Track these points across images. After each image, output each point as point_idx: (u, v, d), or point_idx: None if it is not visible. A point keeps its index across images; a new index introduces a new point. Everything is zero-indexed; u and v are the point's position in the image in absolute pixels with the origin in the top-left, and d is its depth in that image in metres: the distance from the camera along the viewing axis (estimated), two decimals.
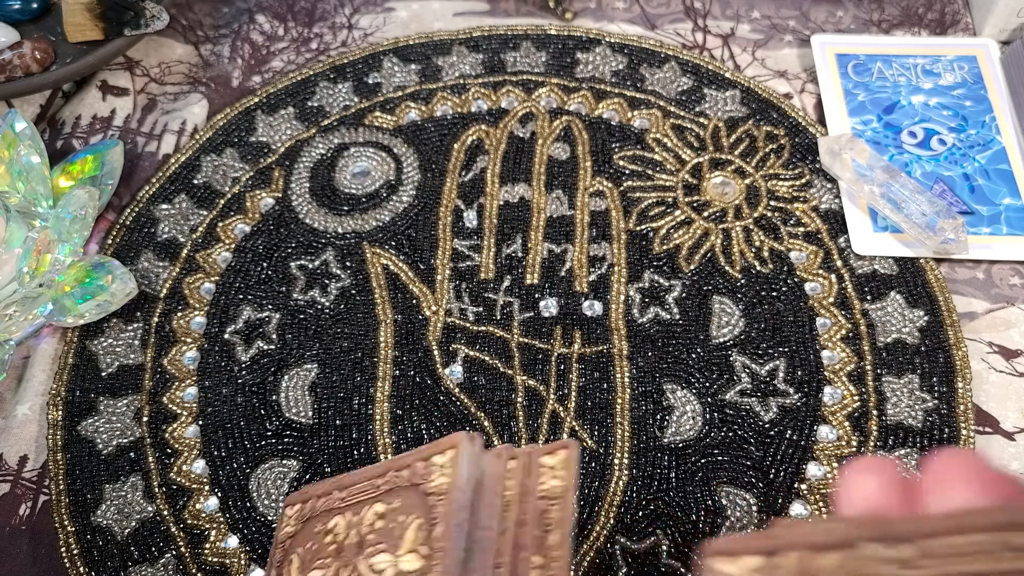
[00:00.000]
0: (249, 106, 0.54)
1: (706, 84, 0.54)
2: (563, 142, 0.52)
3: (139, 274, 0.47)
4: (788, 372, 0.43)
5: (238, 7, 0.60)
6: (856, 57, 0.55)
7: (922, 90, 0.53)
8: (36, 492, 0.42)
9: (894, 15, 0.58)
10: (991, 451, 0.42)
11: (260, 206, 0.50)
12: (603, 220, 0.49)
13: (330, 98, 0.54)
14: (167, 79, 0.56)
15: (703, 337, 0.45)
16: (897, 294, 0.46)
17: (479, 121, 0.53)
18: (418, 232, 0.49)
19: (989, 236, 0.47)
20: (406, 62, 0.56)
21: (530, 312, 0.46)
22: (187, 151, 0.52)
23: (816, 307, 0.45)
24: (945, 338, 0.44)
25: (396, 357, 0.45)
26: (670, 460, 0.41)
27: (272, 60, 0.57)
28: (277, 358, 0.45)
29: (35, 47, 0.52)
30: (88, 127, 0.54)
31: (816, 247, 0.47)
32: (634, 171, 0.51)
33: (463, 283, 0.47)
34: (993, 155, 0.50)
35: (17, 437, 0.43)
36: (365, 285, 0.47)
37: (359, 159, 0.52)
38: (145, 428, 0.43)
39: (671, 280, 0.47)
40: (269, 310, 0.46)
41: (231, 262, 0.48)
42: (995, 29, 0.55)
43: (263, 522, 0.40)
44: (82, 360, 0.45)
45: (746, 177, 0.50)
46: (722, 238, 0.48)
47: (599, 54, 0.55)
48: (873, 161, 0.48)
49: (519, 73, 0.55)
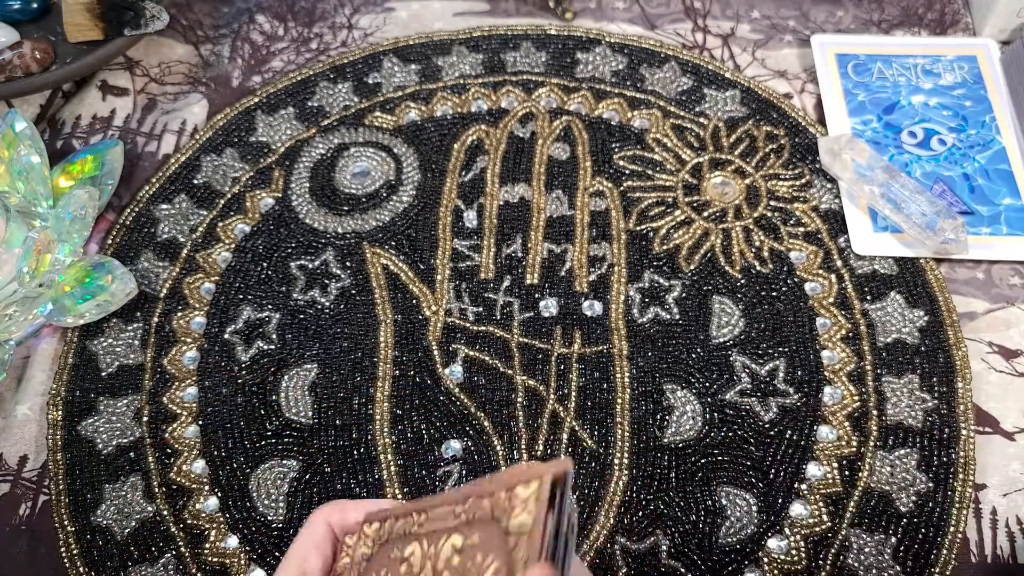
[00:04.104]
0: (249, 106, 0.54)
1: (706, 84, 0.54)
2: (563, 142, 0.52)
3: (139, 274, 0.47)
4: (788, 372, 0.43)
5: (238, 7, 0.60)
6: (856, 57, 0.55)
7: (922, 90, 0.53)
8: (36, 492, 0.42)
9: (894, 15, 0.58)
10: (991, 451, 0.42)
11: (260, 206, 0.50)
12: (603, 220, 0.49)
13: (330, 98, 0.54)
14: (167, 79, 0.56)
15: (703, 337, 0.45)
16: (897, 294, 0.46)
17: (479, 121, 0.53)
18: (418, 232, 0.49)
19: (989, 236, 0.47)
20: (406, 62, 0.56)
21: (530, 312, 0.46)
22: (187, 151, 0.52)
23: (816, 307, 0.45)
24: (945, 338, 0.44)
25: (396, 357, 0.45)
26: (670, 460, 0.41)
27: (272, 60, 0.57)
28: (277, 358, 0.45)
29: (35, 47, 0.52)
30: (88, 127, 0.54)
31: (816, 247, 0.47)
32: (634, 171, 0.51)
33: (463, 283, 0.47)
34: (993, 155, 0.50)
35: (17, 437, 0.43)
36: (365, 285, 0.47)
37: (359, 159, 0.52)
38: (145, 428, 0.43)
39: (671, 280, 0.47)
40: (269, 310, 0.46)
41: (231, 262, 0.48)
42: (995, 29, 0.55)
43: (263, 522, 0.40)
44: (82, 360, 0.45)
45: (746, 177, 0.50)
46: (722, 238, 0.48)
47: (599, 54, 0.55)
48: (873, 161, 0.48)
49: (519, 73, 0.55)
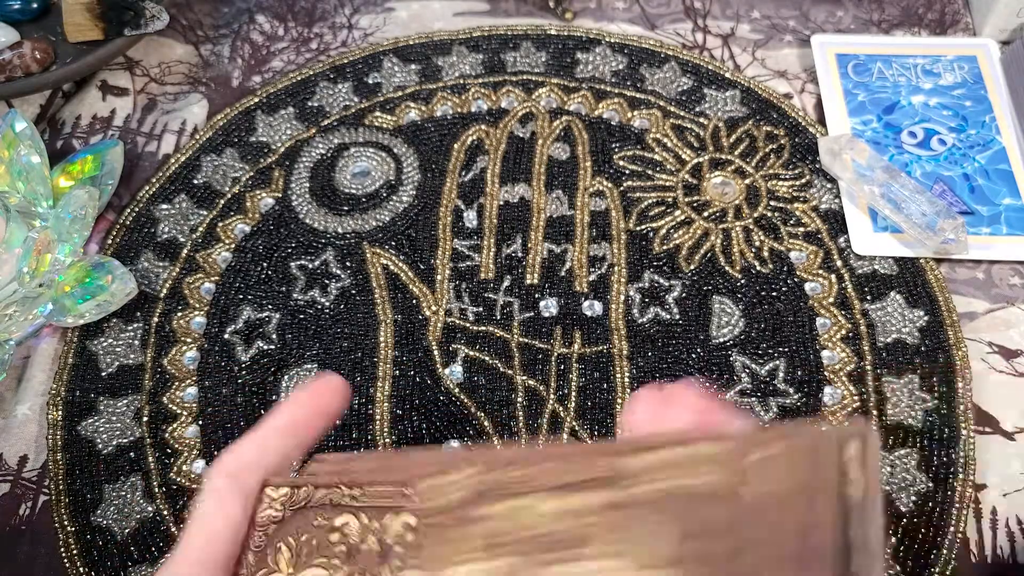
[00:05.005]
0: (249, 106, 0.54)
1: (706, 84, 0.54)
2: (563, 142, 0.52)
3: (139, 274, 0.47)
4: (788, 372, 0.43)
5: (238, 7, 0.60)
6: (856, 57, 0.55)
7: (922, 90, 0.53)
8: (36, 492, 0.42)
9: (894, 15, 0.58)
10: (991, 451, 0.42)
11: (260, 206, 0.50)
12: (603, 220, 0.49)
13: (330, 98, 0.54)
14: (167, 79, 0.56)
15: (703, 337, 0.45)
16: (897, 294, 0.46)
17: (479, 121, 0.53)
18: (418, 232, 0.49)
19: (989, 236, 0.47)
20: (406, 62, 0.56)
21: (530, 312, 0.46)
22: (187, 151, 0.52)
23: (816, 307, 0.45)
24: (945, 338, 0.44)
25: (396, 357, 0.45)
26: None
27: (272, 60, 0.57)
28: (277, 358, 0.45)
29: (35, 47, 0.52)
30: (88, 127, 0.54)
31: (816, 247, 0.47)
32: (634, 171, 0.51)
33: (463, 283, 0.47)
34: (993, 155, 0.50)
35: (17, 437, 0.43)
36: (365, 285, 0.47)
37: (359, 159, 0.52)
38: (145, 428, 0.43)
39: (671, 280, 0.47)
40: (269, 310, 0.46)
41: (231, 262, 0.48)
42: (995, 29, 0.55)
43: None
44: (82, 360, 0.45)
45: (746, 177, 0.50)
46: (722, 238, 0.48)
47: (599, 54, 0.55)
48: (873, 161, 0.48)
49: (519, 73, 0.55)
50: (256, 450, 0.27)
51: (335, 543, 0.25)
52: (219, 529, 0.25)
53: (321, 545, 0.25)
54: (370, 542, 0.24)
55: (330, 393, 0.28)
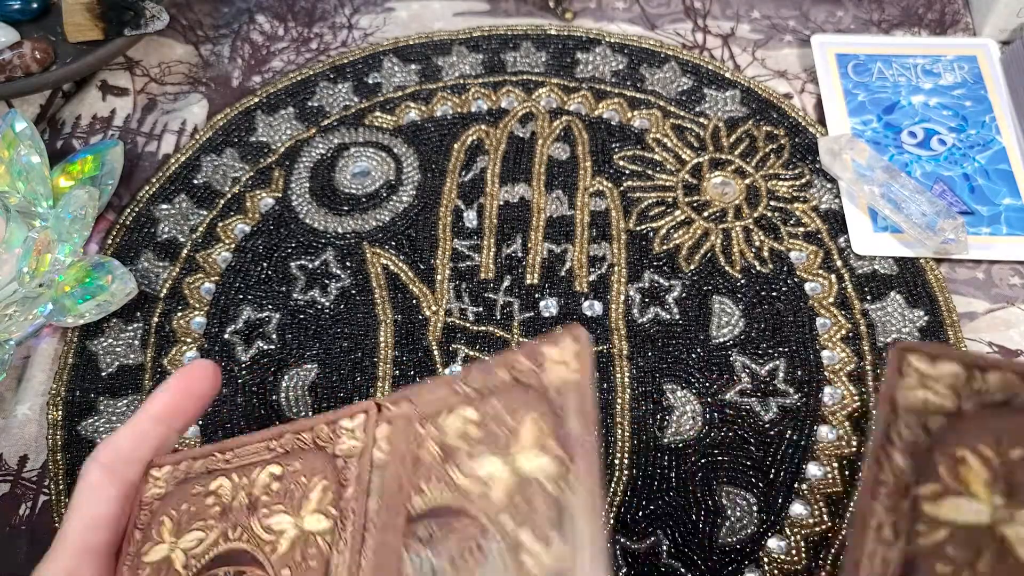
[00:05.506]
0: (249, 106, 0.54)
1: (706, 84, 0.54)
2: (563, 142, 0.52)
3: (139, 274, 0.47)
4: (788, 372, 0.43)
5: (238, 7, 0.60)
6: (856, 57, 0.55)
7: (922, 90, 0.53)
8: (36, 492, 0.42)
9: (894, 15, 0.58)
10: None
11: (260, 206, 0.50)
12: (603, 220, 0.49)
13: (330, 98, 0.54)
14: (167, 79, 0.56)
15: (703, 337, 0.45)
16: (897, 294, 0.46)
17: (479, 121, 0.53)
18: (418, 232, 0.49)
19: (989, 236, 0.47)
20: (406, 62, 0.56)
21: (530, 312, 0.46)
22: (187, 151, 0.52)
23: (816, 307, 0.45)
24: (945, 338, 0.44)
25: (396, 357, 0.45)
26: (670, 460, 0.41)
27: (272, 60, 0.57)
28: (277, 358, 0.45)
29: (35, 47, 0.52)
30: (88, 127, 0.54)
31: (816, 247, 0.47)
32: (634, 171, 0.51)
33: (463, 283, 0.47)
34: (993, 155, 0.50)
35: (17, 437, 0.43)
36: (365, 285, 0.47)
37: (359, 159, 0.52)
38: None
39: (671, 280, 0.47)
40: (269, 310, 0.46)
41: (231, 262, 0.48)
42: (995, 29, 0.55)
43: None
44: (82, 360, 0.45)
45: (746, 177, 0.50)
46: (722, 238, 0.48)
47: (599, 54, 0.55)
48: (873, 161, 0.48)
49: (519, 73, 0.55)
50: (132, 439, 0.28)
51: (211, 505, 0.26)
52: (95, 518, 0.26)
53: (199, 510, 0.26)
54: (240, 498, 0.26)
55: (201, 377, 0.30)
